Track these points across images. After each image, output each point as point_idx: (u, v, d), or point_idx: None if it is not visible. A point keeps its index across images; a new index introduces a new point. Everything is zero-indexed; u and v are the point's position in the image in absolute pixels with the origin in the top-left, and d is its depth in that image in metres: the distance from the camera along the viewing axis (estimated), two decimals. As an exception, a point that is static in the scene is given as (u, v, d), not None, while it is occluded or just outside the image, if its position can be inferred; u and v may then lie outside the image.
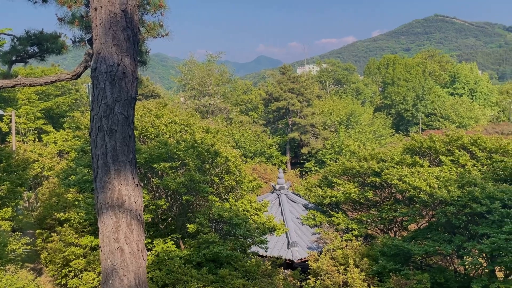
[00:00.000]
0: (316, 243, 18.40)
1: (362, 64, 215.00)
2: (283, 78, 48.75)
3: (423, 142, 18.97)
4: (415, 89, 67.37)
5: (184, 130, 19.91)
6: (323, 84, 73.44)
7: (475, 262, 12.76)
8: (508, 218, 12.12)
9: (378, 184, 18.74)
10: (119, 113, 5.42)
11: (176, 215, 15.89)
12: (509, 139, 18.83)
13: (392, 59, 77.70)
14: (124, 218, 5.42)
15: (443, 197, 13.93)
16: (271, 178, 32.08)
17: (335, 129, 49.01)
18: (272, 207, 20.66)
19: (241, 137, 43.71)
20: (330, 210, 19.54)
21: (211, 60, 55.30)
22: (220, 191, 17.03)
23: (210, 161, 16.15)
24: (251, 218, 15.20)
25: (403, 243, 14.22)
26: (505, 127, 58.86)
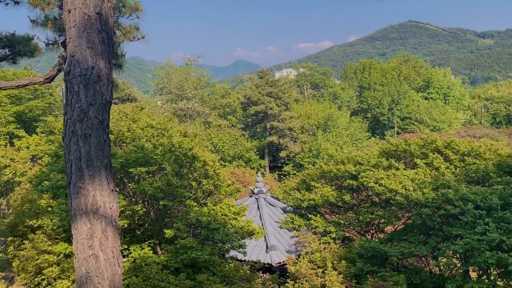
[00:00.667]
0: (294, 247, 18.45)
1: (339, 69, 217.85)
2: (261, 82, 48.87)
3: (398, 145, 19.30)
4: (390, 93, 68.65)
5: (161, 134, 19.68)
6: (301, 88, 74.00)
7: (449, 263, 13.02)
8: (480, 219, 12.43)
9: (355, 187, 18.97)
10: (94, 117, 5.31)
11: (153, 220, 15.68)
12: (481, 142, 19.37)
13: (368, 63, 79.02)
14: (99, 225, 5.30)
15: (418, 199, 14.19)
16: (249, 182, 32.06)
17: (313, 132, 49.40)
18: (251, 211, 20.63)
19: (220, 141, 43.55)
20: (308, 213, 19.65)
21: (188, 63, 54.99)
22: (198, 196, 16.90)
23: (188, 166, 16.02)
24: (229, 223, 15.13)
25: (380, 245, 14.41)
26: (477, 130, 60.50)
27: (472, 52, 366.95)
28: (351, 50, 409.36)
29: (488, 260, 11.47)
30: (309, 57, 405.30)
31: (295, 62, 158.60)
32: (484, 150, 17.56)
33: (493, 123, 77.85)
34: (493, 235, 11.71)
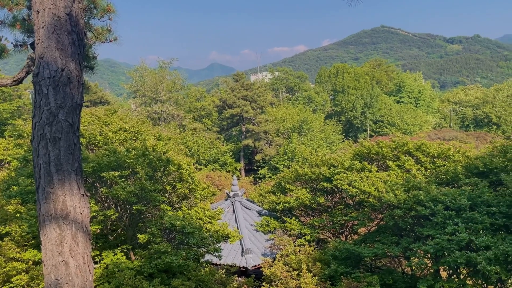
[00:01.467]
0: (270, 250, 18.48)
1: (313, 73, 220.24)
2: (237, 85, 48.90)
3: (371, 148, 19.63)
4: (363, 97, 69.88)
5: (134, 137, 19.39)
6: (276, 91, 74.42)
7: (421, 263, 13.30)
8: (450, 220, 12.77)
9: (329, 189, 19.18)
10: (64, 120, 5.19)
11: (126, 225, 15.40)
12: (450, 144, 19.92)
13: (341, 68, 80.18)
14: (69, 230, 5.18)
15: (390, 200, 14.46)
16: (225, 186, 31.96)
17: (288, 136, 49.72)
18: (226, 214, 20.57)
19: (195, 145, 43.28)
20: (283, 216, 19.73)
21: (163, 66, 54.46)
22: (172, 200, 16.72)
23: (162, 169, 15.83)
24: (204, 227, 15.01)
25: (354, 247, 14.60)
26: (446, 133, 62.29)
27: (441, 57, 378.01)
28: (325, 54, 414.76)
29: (457, 260, 11.77)
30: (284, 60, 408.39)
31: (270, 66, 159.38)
32: (453, 152, 18.08)
33: (462, 126, 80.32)
34: (462, 235, 12.04)
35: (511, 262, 11.71)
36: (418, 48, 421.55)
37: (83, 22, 5.67)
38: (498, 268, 11.18)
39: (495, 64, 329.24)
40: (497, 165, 14.54)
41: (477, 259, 11.35)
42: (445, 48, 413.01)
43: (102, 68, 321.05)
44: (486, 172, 14.86)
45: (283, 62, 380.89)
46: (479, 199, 13.20)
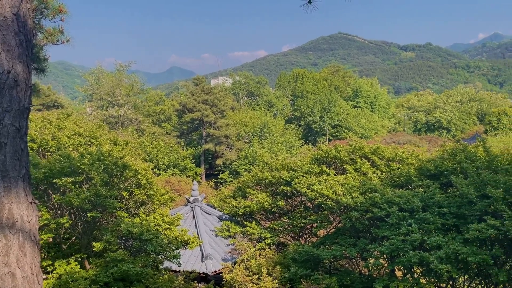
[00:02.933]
0: (230, 254, 18.40)
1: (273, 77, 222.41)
2: (197, 89, 48.54)
3: (329, 152, 20.01)
4: (322, 101, 71.31)
5: (89, 142, 18.77)
6: (237, 96, 74.55)
7: (377, 263, 13.66)
8: (404, 221, 13.20)
9: (289, 193, 19.36)
10: (10, 125, 4.93)
11: (80, 233, 14.85)
12: (404, 148, 20.67)
13: (301, 73, 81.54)
14: (16, 240, 4.92)
15: (347, 203, 14.77)
16: (185, 191, 31.56)
17: (248, 140, 49.86)
18: (186, 220, 20.29)
19: (154, 149, 42.47)
20: (244, 221, 19.70)
21: (120, 69, 53.16)
22: (129, 206, 16.30)
23: (118, 175, 15.40)
24: (163, 233, 14.73)
25: (313, 249, 14.77)
26: (401, 137, 64.69)
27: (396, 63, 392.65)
28: (285, 60, 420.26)
29: (411, 259, 12.16)
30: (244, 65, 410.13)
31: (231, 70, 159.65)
32: (407, 155, 18.76)
33: (415, 130, 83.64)
34: (416, 236, 12.47)
35: (461, 261, 12.24)
36: (374, 54, 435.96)
37: (32, 23, 5.43)
38: (449, 267, 11.65)
39: (445, 71, 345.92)
40: (447, 168, 15.20)
41: (430, 259, 11.77)
42: (399, 55, 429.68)
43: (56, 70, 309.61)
44: (437, 174, 15.50)
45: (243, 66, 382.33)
46: (431, 200, 13.73)
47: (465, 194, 12.85)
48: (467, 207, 12.89)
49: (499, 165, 14.37)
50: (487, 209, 12.38)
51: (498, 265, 12.51)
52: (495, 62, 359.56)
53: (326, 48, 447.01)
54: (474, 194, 12.67)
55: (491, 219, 11.63)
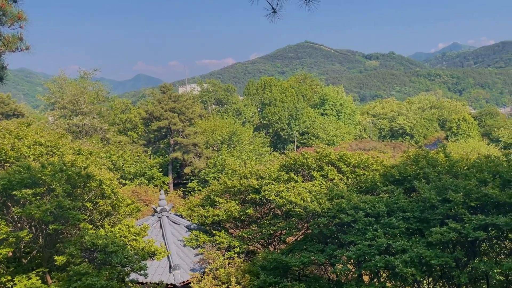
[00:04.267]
0: (199, 264, 18.16)
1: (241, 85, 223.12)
2: (164, 97, 47.97)
3: (297, 159, 20.18)
4: (289, 109, 72.10)
5: (51, 152, 18.14)
6: (205, 103, 74.24)
7: (345, 269, 13.83)
8: (370, 226, 13.45)
9: (258, 201, 19.34)
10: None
11: (42, 246, 14.29)
12: (369, 154, 21.11)
13: (268, 81, 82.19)
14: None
15: (315, 209, 14.92)
16: (152, 200, 31.01)
17: (217, 148, 49.64)
18: (153, 230, 19.90)
19: (120, 159, 41.56)
20: (213, 229, 19.51)
21: (84, 77, 51.90)
22: (94, 217, 15.83)
23: (82, 186, 14.95)
24: (129, 244, 14.39)
25: (282, 256, 14.80)
26: (366, 143, 66.18)
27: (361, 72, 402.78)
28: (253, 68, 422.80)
29: (377, 264, 12.39)
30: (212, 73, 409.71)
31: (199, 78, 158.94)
32: (372, 162, 19.16)
33: (380, 137, 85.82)
34: (381, 240, 12.72)
35: (425, 264, 12.57)
36: (339, 63, 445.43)
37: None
38: (413, 270, 11.94)
39: (408, 79, 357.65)
40: (411, 173, 15.63)
41: (395, 262, 12.02)
42: (364, 64, 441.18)
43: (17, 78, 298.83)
44: (401, 180, 15.90)
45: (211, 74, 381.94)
46: (396, 205, 14.06)
47: (428, 198, 13.23)
48: (430, 211, 13.28)
49: (459, 170, 14.90)
50: (448, 213, 12.79)
51: (459, 267, 12.92)
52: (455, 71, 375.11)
53: (293, 57, 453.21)
54: (436, 199, 13.08)
55: (452, 223, 12.02)
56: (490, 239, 13.81)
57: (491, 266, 11.52)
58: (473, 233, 11.49)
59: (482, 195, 12.45)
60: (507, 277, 13.60)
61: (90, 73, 52.72)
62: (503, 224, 11.26)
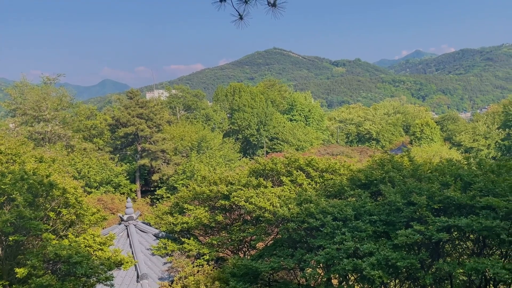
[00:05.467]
0: (167, 273, 17.85)
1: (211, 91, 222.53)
2: (131, 103, 47.13)
3: (266, 164, 20.25)
4: (259, 115, 72.40)
5: (12, 160, 17.43)
6: (173, 109, 73.45)
7: (314, 273, 13.90)
8: (338, 230, 13.60)
9: (227, 207, 19.26)
10: None
11: (1, 259, 13.65)
12: (337, 159, 21.45)
13: (238, 87, 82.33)
14: None
15: (284, 214, 14.97)
16: (119, 209, 30.32)
17: (186, 154, 49.15)
18: (120, 239, 19.44)
19: (85, 166, 40.43)
20: (181, 237, 19.26)
21: (47, 82, 50.28)
22: (57, 227, 15.28)
23: (44, 195, 14.42)
24: (94, 254, 13.96)
25: (251, 262, 14.75)
26: (334, 148, 67.23)
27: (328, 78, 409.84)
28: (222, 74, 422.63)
29: (345, 267, 12.53)
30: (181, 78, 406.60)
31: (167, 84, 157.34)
32: (339, 166, 19.47)
33: (347, 142, 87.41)
34: (349, 244, 12.88)
35: (391, 266, 12.81)
36: (307, 69, 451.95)
37: None
38: (380, 272, 12.13)
39: (373, 85, 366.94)
40: (377, 177, 15.95)
41: (362, 265, 12.18)
42: (331, 70, 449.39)
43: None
44: (368, 184, 16.20)
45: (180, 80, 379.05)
46: (363, 209, 14.30)
47: (393, 202, 13.53)
48: (395, 214, 13.57)
49: (422, 174, 15.33)
50: (413, 216, 13.11)
51: (424, 268, 13.26)
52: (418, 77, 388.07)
53: (262, 63, 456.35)
54: (401, 202, 13.39)
55: (416, 225, 12.33)
56: (453, 240, 14.26)
57: (454, 267, 11.86)
58: (436, 235, 11.81)
59: (445, 198, 12.84)
60: (469, 277, 14.05)
61: (54, 78, 51.12)
62: (464, 225, 11.64)
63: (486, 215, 11.68)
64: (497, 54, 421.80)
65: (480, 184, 12.93)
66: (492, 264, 10.65)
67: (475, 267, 10.84)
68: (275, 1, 6.46)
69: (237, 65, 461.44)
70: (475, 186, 12.95)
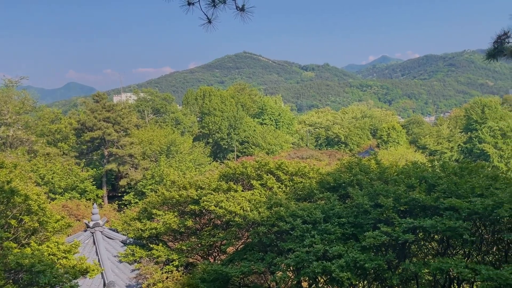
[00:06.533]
0: (135, 280, 17.47)
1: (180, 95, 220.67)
2: (98, 107, 46.06)
3: (236, 168, 20.19)
4: (229, 119, 72.30)
5: (-31, 166, 16.64)
6: (142, 113, 72.31)
7: (284, 276, 13.93)
8: (307, 233, 13.70)
9: (197, 212, 19.06)
10: None
11: (-43, 270, 12.97)
12: (306, 163, 21.66)
13: (208, 90, 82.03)
14: None
15: (255, 218, 14.96)
16: (85, 215, 29.51)
17: (155, 158, 48.43)
18: (86, 246, 18.87)
19: (49, 172, 39.12)
20: (150, 243, 18.90)
21: (9, 85, 48.54)
22: (19, 235, 14.67)
23: (5, 202, 13.83)
24: (58, 262, 13.49)
25: (222, 267, 14.64)
26: (304, 152, 67.92)
27: (298, 82, 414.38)
28: (192, 77, 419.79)
29: (315, 270, 12.62)
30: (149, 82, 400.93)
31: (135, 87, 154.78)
32: (309, 170, 19.65)
33: (317, 145, 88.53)
34: (318, 246, 13.00)
35: (359, 268, 13.00)
36: (277, 74, 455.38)
37: None
38: (349, 274, 12.29)
39: (342, 89, 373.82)
40: (345, 180, 16.19)
41: (332, 268, 12.31)
42: (301, 75, 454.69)
43: None
44: (336, 187, 16.42)
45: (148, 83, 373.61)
46: (331, 211, 14.47)
47: (361, 204, 13.76)
48: (363, 216, 13.81)
49: (389, 176, 15.68)
50: (380, 217, 13.37)
51: (391, 269, 13.53)
52: (384, 82, 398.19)
53: (232, 67, 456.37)
54: (369, 204, 13.64)
55: (383, 227, 12.57)
56: (419, 241, 14.62)
57: (420, 267, 12.16)
58: (402, 236, 12.08)
59: (410, 200, 13.17)
60: (434, 276, 14.44)
61: (16, 81, 49.44)
62: (429, 226, 11.96)
63: (449, 216, 12.04)
64: (459, 60, 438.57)
65: (444, 186, 13.34)
66: (455, 264, 10.97)
67: (439, 266, 11.14)
68: (243, 6, 6.46)
69: (207, 68, 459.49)
70: (439, 188, 13.35)
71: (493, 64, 8.55)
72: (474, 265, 10.90)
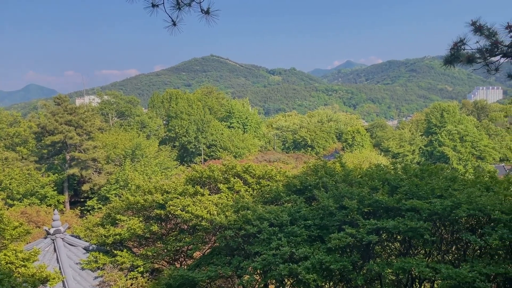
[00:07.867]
0: (99, 287, 16.98)
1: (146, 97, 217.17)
2: (59, 109, 44.62)
3: (203, 172, 20.04)
4: (196, 122, 71.74)
5: None
6: (106, 116, 70.64)
7: (251, 280, 13.92)
8: (274, 235, 13.76)
9: (163, 216, 18.76)
10: None
11: None
12: (273, 166, 21.75)
13: (174, 93, 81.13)
14: None
15: (221, 222, 14.89)
16: (45, 222, 28.47)
17: (120, 162, 47.36)
18: (46, 254, 18.18)
19: (6, 177, 37.50)
20: (114, 250, 18.43)
21: (-37, 86, 46.27)
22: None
23: (-43, 209, 13.15)
24: (17, 271, 12.95)
25: (188, 272, 14.46)
26: (271, 155, 68.33)
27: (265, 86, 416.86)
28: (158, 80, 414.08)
29: (282, 272, 12.68)
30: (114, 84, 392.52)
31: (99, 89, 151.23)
32: (276, 173, 19.76)
33: (284, 149, 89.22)
34: (285, 249, 13.08)
35: (325, 269, 13.17)
36: (245, 77, 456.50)
37: None
38: (315, 276, 12.43)
39: (308, 93, 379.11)
40: (311, 183, 16.39)
41: (298, 270, 12.41)
42: (268, 79, 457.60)
43: None
44: (303, 189, 16.59)
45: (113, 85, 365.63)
46: (298, 214, 14.60)
47: (326, 206, 13.96)
48: (329, 218, 14.01)
49: (353, 179, 16.00)
50: (345, 219, 13.60)
51: (356, 270, 13.77)
52: (349, 86, 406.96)
53: (199, 70, 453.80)
54: (334, 206, 13.85)
55: (348, 228, 12.80)
56: (382, 242, 14.96)
57: (383, 267, 12.44)
58: (366, 237, 12.33)
59: (374, 201, 13.48)
60: (397, 276, 14.82)
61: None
62: (392, 227, 12.28)
63: (411, 217, 12.40)
64: (420, 66, 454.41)
65: (405, 188, 13.74)
66: (417, 263, 11.31)
67: (402, 266, 11.44)
68: (208, 9, 6.44)
69: (173, 71, 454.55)
70: (401, 189, 13.73)
71: (452, 70, 8.91)
72: (434, 264, 11.27)
